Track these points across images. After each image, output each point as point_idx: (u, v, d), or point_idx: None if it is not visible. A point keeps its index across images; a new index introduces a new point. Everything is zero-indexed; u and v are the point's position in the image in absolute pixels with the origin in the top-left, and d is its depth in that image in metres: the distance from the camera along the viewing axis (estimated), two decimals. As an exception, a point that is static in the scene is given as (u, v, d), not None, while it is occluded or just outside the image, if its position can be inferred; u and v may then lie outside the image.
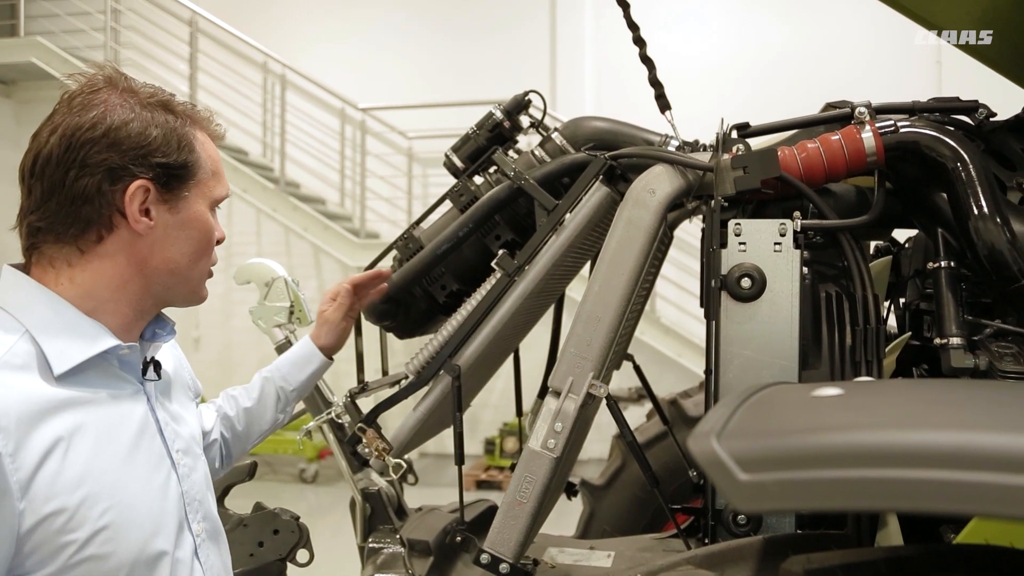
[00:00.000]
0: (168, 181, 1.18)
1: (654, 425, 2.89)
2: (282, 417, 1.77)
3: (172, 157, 1.18)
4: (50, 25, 8.73)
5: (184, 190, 1.21)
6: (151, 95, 1.20)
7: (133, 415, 1.19)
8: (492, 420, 7.92)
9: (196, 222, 1.23)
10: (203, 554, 1.26)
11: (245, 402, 1.71)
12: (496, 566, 1.69)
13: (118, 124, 1.14)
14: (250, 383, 1.74)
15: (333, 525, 5.71)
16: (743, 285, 1.71)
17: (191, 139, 1.22)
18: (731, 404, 1.07)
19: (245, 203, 8.25)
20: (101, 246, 1.16)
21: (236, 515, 2.01)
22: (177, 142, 1.19)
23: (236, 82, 8.97)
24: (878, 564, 1.23)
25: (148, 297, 1.22)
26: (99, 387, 1.15)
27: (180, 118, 1.21)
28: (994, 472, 0.78)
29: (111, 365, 1.18)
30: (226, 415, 1.69)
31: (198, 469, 1.31)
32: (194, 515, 1.26)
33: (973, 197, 1.64)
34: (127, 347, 1.18)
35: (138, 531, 1.12)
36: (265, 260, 2.06)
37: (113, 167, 1.13)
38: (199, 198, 1.23)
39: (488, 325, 1.94)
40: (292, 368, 1.76)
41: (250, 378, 1.73)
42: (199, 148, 1.23)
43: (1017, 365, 1.58)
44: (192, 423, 1.37)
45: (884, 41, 7.42)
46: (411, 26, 8.96)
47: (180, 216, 1.21)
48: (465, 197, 2.11)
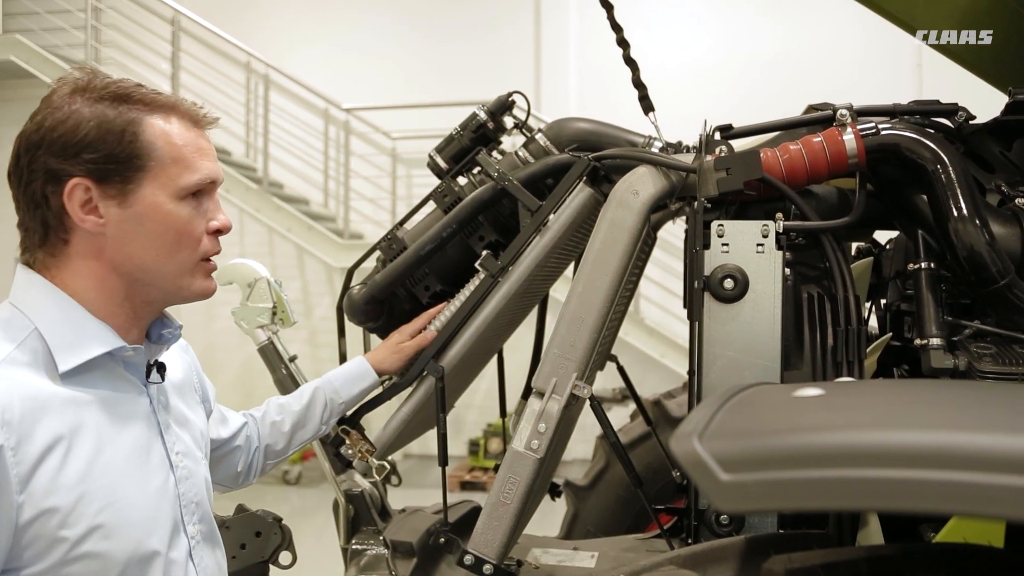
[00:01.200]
0: (107, 175, 1.14)
1: (638, 426, 2.89)
2: (325, 428, 1.84)
3: (107, 150, 1.14)
4: (30, 23, 8.64)
5: (130, 183, 1.16)
6: (104, 88, 1.16)
7: (134, 416, 1.20)
8: (476, 421, 7.92)
9: (154, 214, 1.18)
10: (198, 556, 1.26)
11: (294, 406, 1.78)
12: (480, 567, 1.69)
13: (53, 124, 1.13)
14: (298, 391, 1.83)
15: (316, 527, 5.69)
16: (726, 286, 1.71)
17: (137, 128, 1.16)
18: (713, 405, 1.07)
19: (228, 203, 8.20)
20: (69, 248, 1.17)
21: (218, 517, 1.99)
22: (119, 134, 1.14)
23: (219, 82, 8.92)
24: (859, 563, 1.24)
25: (135, 295, 1.21)
26: (102, 387, 1.16)
27: (132, 107, 1.17)
28: (973, 472, 0.78)
29: (116, 366, 1.20)
30: (273, 422, 1.75)
31: (198, 473, 1.31)
32: (190, 517, 1.26)
33: (953, 199, 1.65)
34: (131, 349, 1.19)
35: (132, 531, 1.13)
36: (248, 261, 2.05)
37: (50, 169, 1.13)
38: (155, 189, 1.17)
39: (472, 326, 1.94)
40: (345, 383, 1.85)
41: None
42: (149, 136, 1.17)
43: (996, 365, 1.59)
44: (197, 427, 1.38)
45: (865, 44, 7.48)
46: (395, 26, 8.95)
47: (133, 210, 1.17)
48: (449, 198, 2.11)
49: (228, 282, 2.04)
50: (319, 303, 8.78)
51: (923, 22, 2.18)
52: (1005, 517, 0.84)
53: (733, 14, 8.23)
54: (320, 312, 8.70)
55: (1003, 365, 1.59)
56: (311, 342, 8.44)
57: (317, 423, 1.81)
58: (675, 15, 8.28)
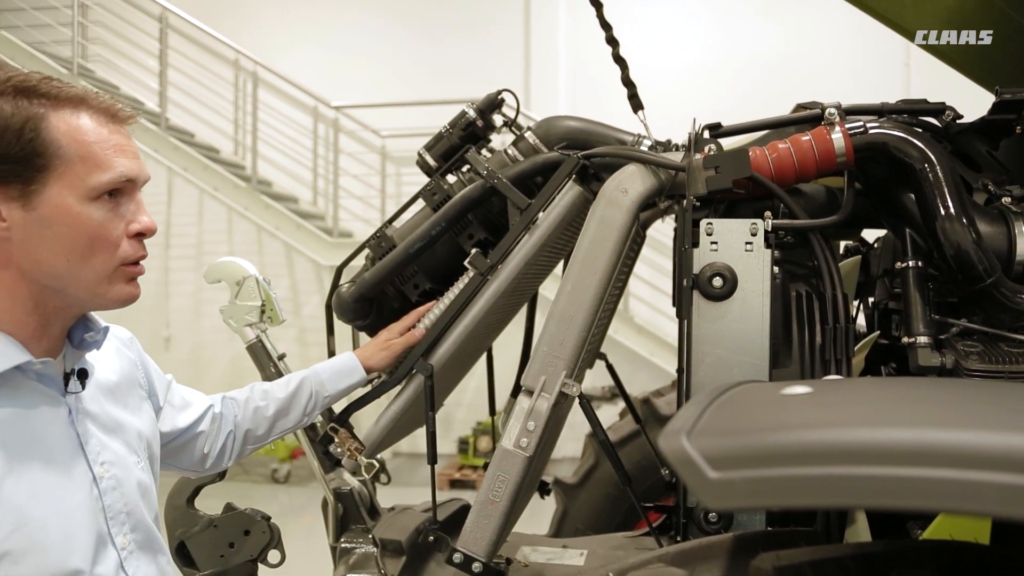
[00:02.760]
0: (4, 176, 1.07)
1: (627, 424, 2.90)
2: (307, 420, 1.80)
3: (3, 150, 1.06)
4: (16, 19, 8.57)
5: (32, 183, 1.08)
6: (5, 81, 1.09)
7: (50, 431, 1.14)
8: (465, 419, 7.91)
9: (62, 217, 1.10)
10: (132, 567, 1.22)
11: (279, 392, 1.74)
12: (469, 565, 1.68)
13: None
14: (284, 379, 1.78)
15: (305, 525, 5.67)
16: (715, 284, 1.72)
17: (39, 124, 1.08)
18: (702, 403, 1.07)
19: (216, 201, 8.18)
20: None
21: (206, 516, 1.99)
22: (17, 131, 1.07)
23: (207, 79, 8.88)
24: (846, 560, 1.25)
25: (45, 303, 1.14)
26: (10, 404, 1.10)
27: (34, 101, 1.09)
28: (959, 469, 0.79)
29: (26, 379, 1.13)
30: (256, 407, 1.70)
31: (128, 480, 1.24)
32: (119, 528, 1.21)
33: (940, 198, 1.66)
34: (40, 362, 1.12)
35: (48, 553, 1.08)
36: (236, 259, 2.04)
37: None
38: (61, 189, 1.09)
39: (461, 324, 1.94)
40: (332, 376, 1.82)
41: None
42: (53, 133, 1.09)
43: (982, 363, 1.60)
44: (134, 429, 1.32)
45: (853, 44, 7.51)
46: (385, 24, 8.93)
47: (38, 212, 1.09)
48: (438, 196, 2.11)
49: (216, 280, 2.03)
50: (308, 301, 8.75)
51: (911, 22, 2.19)
52: (990, 514, 0.84)
53: (723, 13, 8.24)
54: (309, 310, 8.67)
55: (990, 363, 1.60)
56: (300, 340, 8.41)
57: (300, 413, 1.76)
58: (665, 13, 8.29)
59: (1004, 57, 2.18)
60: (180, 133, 8.47)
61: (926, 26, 2.15)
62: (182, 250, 8.79)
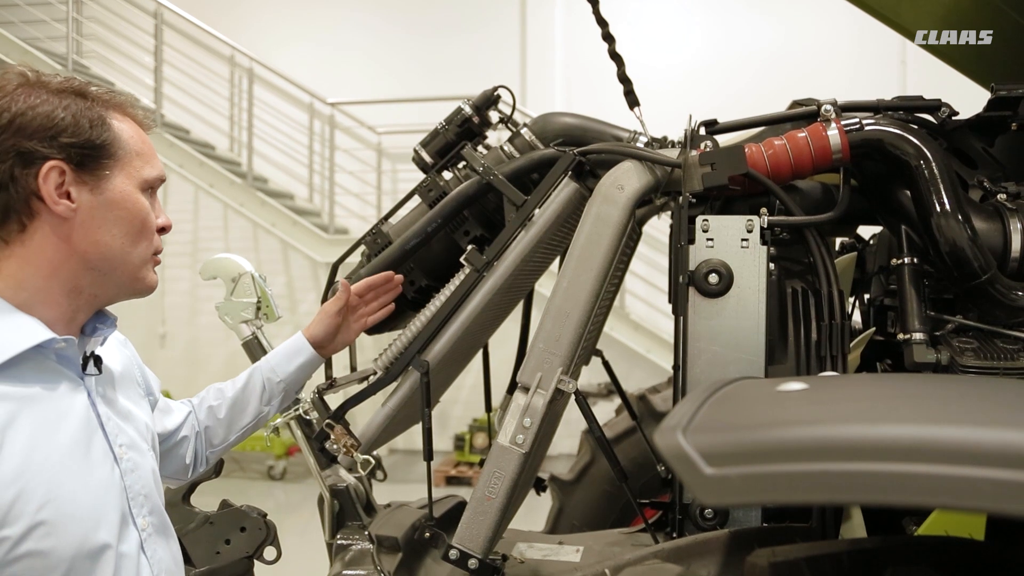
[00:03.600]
0: (83, 160, 1.17)
1: (623, 420, 2.90)
2: (267, 410, 1.75)
3: (84, 136, 1.17)
4: (10, 15, 8.54)
5: (103, 169, 1.19)
6: (63, 83, 1.20)
7: (72, 410, 1.18)
8: (461, 416, 7.91)
9: (124, 202, 1.21)
10: (150, 549, 1.25)
11: (229, 391, 1.71)
12: (465, 562, 1.68)
13: (23, 109, 1.13)
14: (238, 376, 1.74)
15: (301, 522, 5.68)
16: (711, 281, 1.72)
17: (105, 119, 1.20)
18: (697, 399, 1.07)
19: (212, 198, 8.16)
20: (25, 234, 1.16)
21: (202, 512, 1.99)
22: (89, 122, 1.18)
23: (202, 76, 8.86)
24: (842, 556, 1.25)
25: (84, 286, 1.20)
26: (34, 382, 1.14)
27: (93, 101, 1.21)
28: (954, 465, 0.79)
29: (47, 360, 1.17)
30: (210, 407, 1.68)
31: (144, 465, 1.29)
32: (139, 510, 1.24)
33: (935, 195, 1.66)
34: (63, 340, 1.16)
35: (78, 525, 1.11)
36: (232, 255, 2.03)
37: (22, 151, 1.13)
38: (124, 178, 1.22)
39: (457, 321, 1.94)
40: (281, 359, 1.76)
41: (216, 375, 1.74)
42: (116, 128, 1.22)
43: (978, 360, 1.61)
44: (142, 420, 1.35)
45: (849, 40, 7.52)
46: (381, 20, 8.91)
47: (105, 196, 1.19)
48: (434, 192, 2.11)
49: (212, 277, 2.03)
50: (304, 298, 8.74)
51: (909, 20, 2.19)
52: (986, 510, 0.84)
53: (720, 9, 8.24)
54: (305, 307, 8.67)
55: (985, 359, 1.61)
56: (296, 337, 8.41)
57: (257, 405, 1.72)
58: (661, 10, 8.28)
59: (1003, 56, 2.18)
60: (175, 130, 8.45)
61: (925, 25, 2.15)
62: (178, 247, 8.78)
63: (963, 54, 2.17)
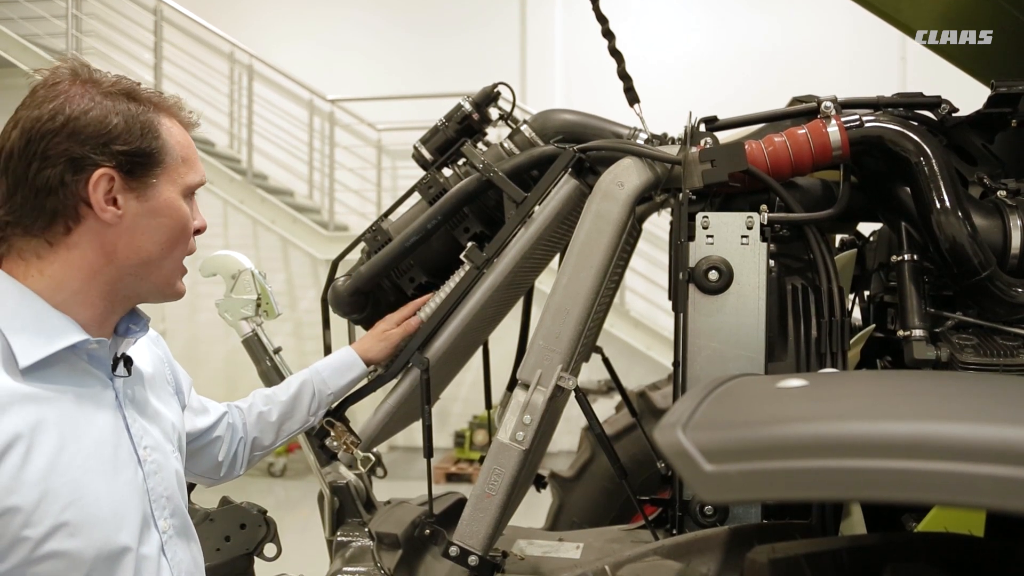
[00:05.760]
0: (133, 168, 1.16)
1: (623, 417, 2.90)
2: (312, 420, 1.85)
3: (135, 144, 1.16)
4: (10, 11, 8.53)
5: (151, 177, 1.19)
6: (114, 83, 1.18)
7: (99, 411, 1.18)
8: (461, 413, 7.91)
9: (168, 209, 1.21)
10: (170, 551, 1.25)
11: (281, 396, 1.79)
12: (465, 559, 1.69)
13: (77, 114, 1.12)
14: (285, 382, 1.84)
15: (302, 519, 5.68)
16: (710, 278, 1.72)
17: (155, 125, 1.20)
18: (697, 396, 1.08)
19: (212, 195, 8.15)
20: (69, 237, 1.15)
21: (203, 509, 1.99)
22: (140, 129, 1.17)
23: (202, 72, 8.85)
24: (841, 553, 1.25)
25: (120, 289, 1.21)
26: (65, 383, 1.14)
27: (144, 105, 1.20)
28: (953, 461, 0.79)
29: (79, 360, 1.18)
30: (260, 412, 1.75)
31: (168, 467, 1.29)
32: (160, 512, 1.24)
33: (935, 191, 1.66)
34: (95, 342, 1.17)
35: (100, 527, 1.11)
36: (232, 252, 2.03)
37: (74, 157, 1.12)
38: (169, 185, 1.21)
39: (457, 318, 1.94)
40: (333, 373, 1.86)
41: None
42: (165, 134, 1.21)
43: (977, 356, 1.61)
44: (169, 420, 1.36)
45: (849, 37, 7.51)
46: (381, 17, 8.90)
47: (150, 204, 1.19)
48: (434, 189, 2.10)
49: (212, 274, 2.03)
50: (304, 295, 8.74)
51: (909, 17, 2.19)
52: (985, 506, 0.85)
53: (719, 6, 8.23)
54: (305, 304, 8.67)
55: (984, 356, 1.61)
56: (296, 334, 8.42)
57: (305, 414, 1.82)
58: (661, 7, 8.27)
59: (1004, 53, 2.18)
60: (175, 126, 8.42)
61: (925, 25, 2.15)
62: (177, 244, 8.75)
63: (963, 52, 2.17)
